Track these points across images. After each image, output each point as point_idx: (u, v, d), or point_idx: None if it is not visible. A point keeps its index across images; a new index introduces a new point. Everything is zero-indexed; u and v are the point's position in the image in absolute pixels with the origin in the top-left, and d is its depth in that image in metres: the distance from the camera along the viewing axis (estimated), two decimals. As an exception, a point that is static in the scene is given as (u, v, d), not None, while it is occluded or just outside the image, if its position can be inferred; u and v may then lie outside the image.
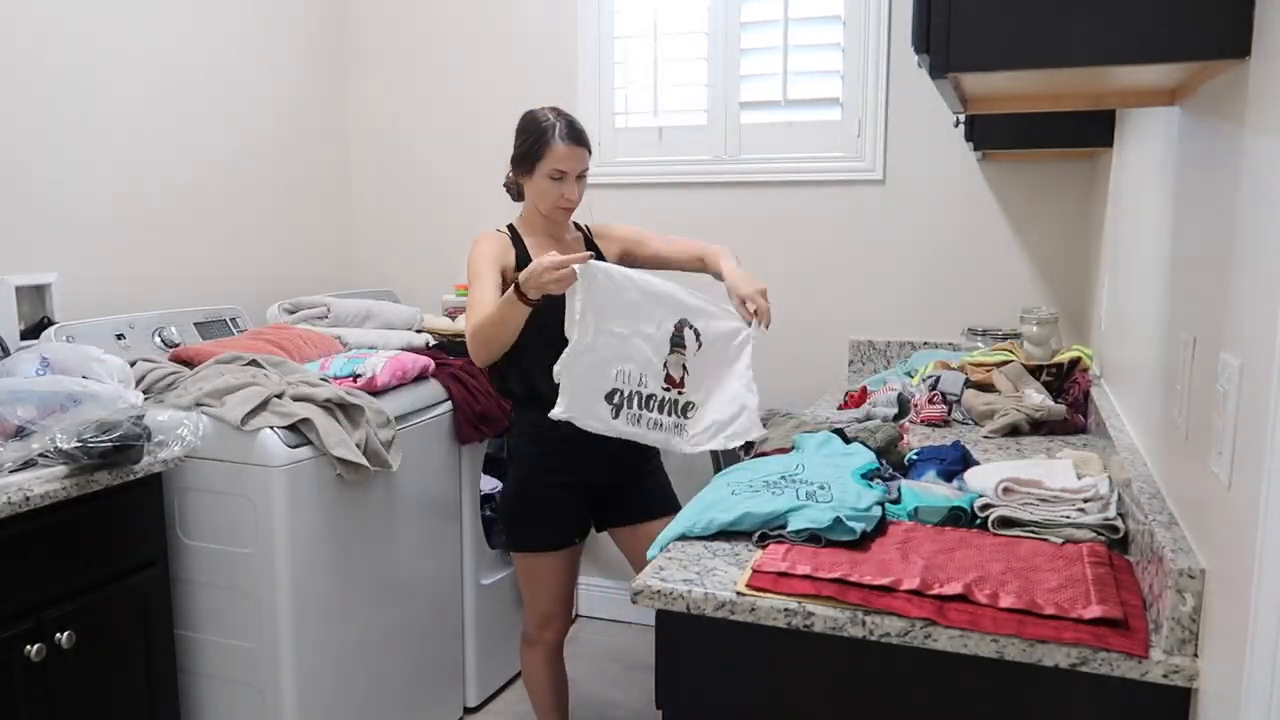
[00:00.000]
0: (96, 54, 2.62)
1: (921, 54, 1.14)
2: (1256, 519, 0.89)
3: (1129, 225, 1.95)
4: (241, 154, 3.13)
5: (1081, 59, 1.08)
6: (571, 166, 2.11)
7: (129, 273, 2.74)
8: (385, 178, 3.62)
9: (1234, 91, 1.09)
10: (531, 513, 2.20)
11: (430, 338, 3.00)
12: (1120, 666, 1.14)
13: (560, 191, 2.13)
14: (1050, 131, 2.34)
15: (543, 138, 2.09)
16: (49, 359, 2.06)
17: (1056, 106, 1.52)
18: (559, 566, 2.24)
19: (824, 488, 1.56)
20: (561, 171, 2.11)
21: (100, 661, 1.93)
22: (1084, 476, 1.59)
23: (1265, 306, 0.91)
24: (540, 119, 2.12)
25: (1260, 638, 0.86)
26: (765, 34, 3.07)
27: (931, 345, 2.96)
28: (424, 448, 2.54)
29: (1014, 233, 2.90)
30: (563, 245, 2.23)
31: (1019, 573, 1.31)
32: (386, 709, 2.47)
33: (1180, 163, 1.42)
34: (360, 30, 3.56)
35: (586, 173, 2.16)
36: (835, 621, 1.25)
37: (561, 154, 2.09)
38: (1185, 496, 1.24)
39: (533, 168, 2.12)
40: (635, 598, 1.35)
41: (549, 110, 2.15)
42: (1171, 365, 1.36)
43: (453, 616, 2.74)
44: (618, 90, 3.26)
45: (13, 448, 1.82)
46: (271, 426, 2.10)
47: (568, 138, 2.10)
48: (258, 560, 2.12)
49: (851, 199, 3.04)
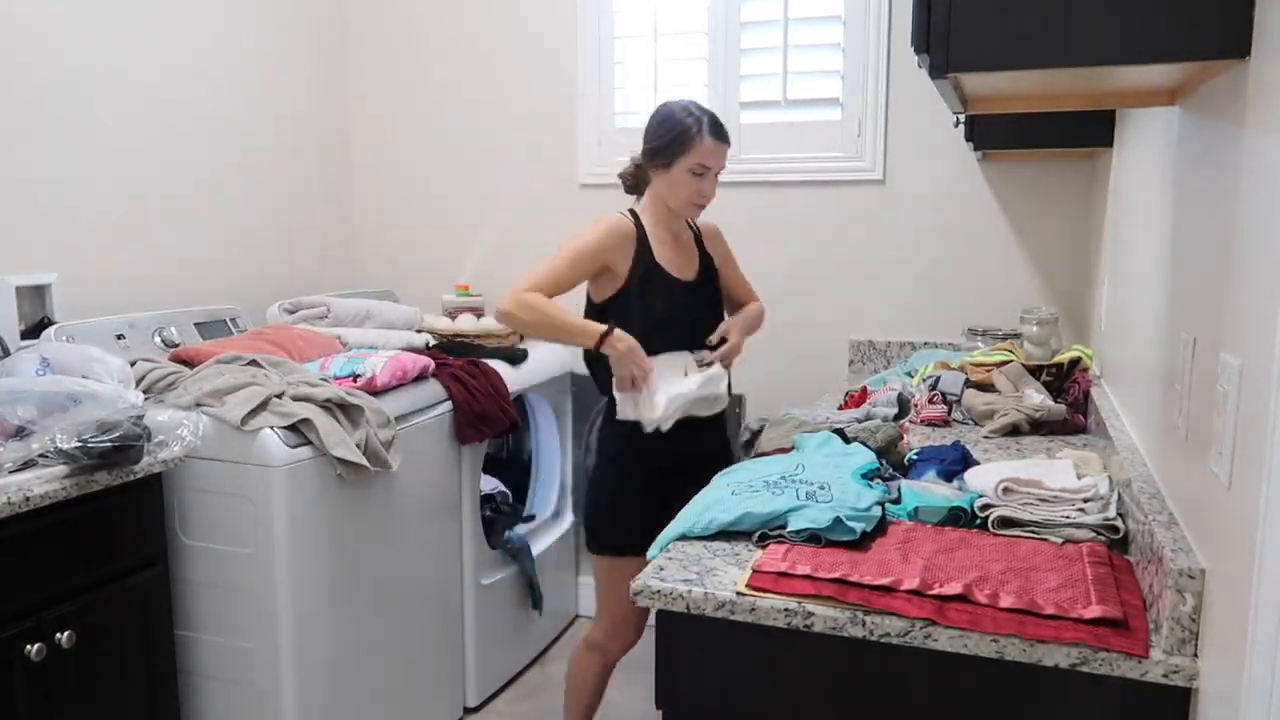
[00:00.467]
0: (97, 56, 2.62)
1: (921, 54, 1.14)
2: (1256, 519, 0.89)
3: (1129, 225, 1.95)
4: (242, 154, 3.13)
5: (1081, 59, 1.08)
6: (715, 163, 2.11)
7: (129, 273, 2.74)
8: (385, 177, 3.62)
9: (1234, 91, 1.09)
10: (624, 514, 2.16)
11: (430, 338, 3.00)
12: (1120, 666, 1.14)
13: (698, 187, 2.12)
14: (1050, 131, 2.34)
15: (689, 132, 2.09)
16: (49, 359, 2.06)
17: (1056, 106, 1.52)
18: None
19: (824, 488, 1.56)
20: (705, 167, 2.10)
21: (100, 661, 1.93)
22: (1084, 476, 1.59)
23: (1265, 306, 0.91)
24: (684, 113, 2.11)
25: (1260, 638, 0.86)
26: (765, 34, 3.07)
27: (931, 345, 2.96)
28: (424, 448, 2.54)
29: (1014, 233, 2.90)
30: (679, 243, 2.23)
31: (1019, 573, 1.31)
32: (386, 709, 2.47)
33: (1180, 163, 1.42)
34: (360, 29, 3.56)
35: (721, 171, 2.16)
36: (835, 621, 1.25)
37: (708, 149, 2.09)
38: (1185, 496, 1.24)
39: (673, 161, 2.11)
40: (635, 598, 1.35)
41: (692, 105, 2.14)
42: (1171, 365, 1.36)
43: (453, 616, 2.74)
44: (618, 90, 3.26)
45: (13, 448, 1.82)
46: (271, 426, 2.10)
47: (714, 134, 2.10)
48: (258, 560, 2.12)
49: (851, 199, 3.04)
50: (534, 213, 3.41)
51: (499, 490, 3.05)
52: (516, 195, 3.43)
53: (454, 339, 3.10)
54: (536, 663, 3.16)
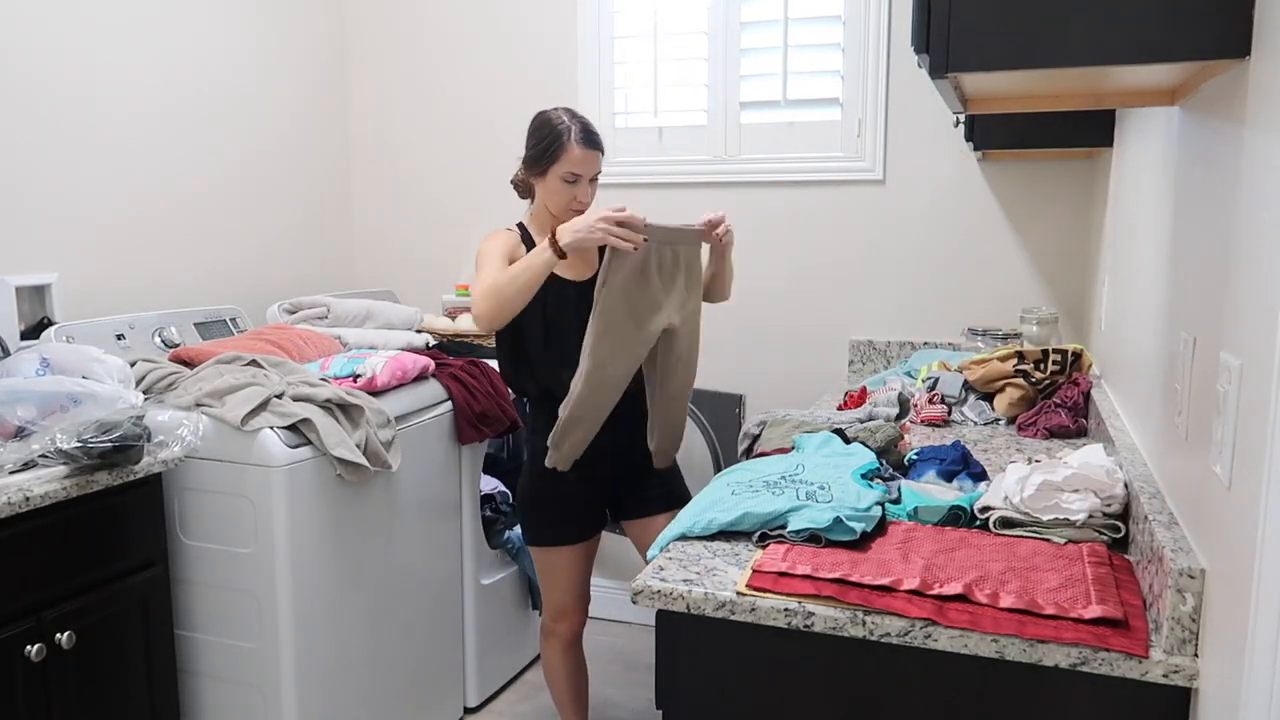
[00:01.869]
0: (97, 56, 2.62)
1: (921, 54, 1.14)
2: (1256, 519, 0.89)
3: (1129, 225, 1.95)
4: (242, 154, 3.13)
5: (1081, 59, 1.08)
6: (586, 170, 2.12)
7: (129, 273, 2.74)
8: (385, 177, 3.62)
9: (1234, 91, 1.09)
10: (546, 507, 2.22)
11: (430, 338, 3.00)
12: (1120, 666, 1.14)
13: (573, 194, 2.13)
14: (1050, 131, 2.34)
15: (558, 140, 2.10)
16: (49, 359, 2.06)
17: (1056, 106, 1.52)
18: (573, 560, 2.25)
19: (824, 488, 1.56)
20: (576, 175, 2.11)
21: (100, 662, 1.93)
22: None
23: (1265, 306, 0.91)
24: (555, 121, 2.13)
25: (1260, 638, 0.86)
26: (765, 34, 3.07)
27: (931, 345, 2.96)
28: (424, 448, 2.54)
29: (1014, 233, 2.90)
30: None
31: (1019, 572, 1.31)
32: (386, 709, 2.47)
33: (1180, 163, 1.42)
34: (361, 29, 3.56)
35: (599, 176, 2.17)
36: (835, 621, 1.25)
37: (576, 158, 2.10)
38: (1185, 496, 1.24)
39: (546, 170, 2.13)
40: (635, 598, 1.35)
41: (563, 112, 2.15)
42: (1171, 365, 1.36)
43: (453, 616, 2.74)
44: (618, 90, 3.26)
45: (13, 448, 1.82)
46: (271, 427, 2.10)
47: (583, 142, 2.11)
48: (258, 560, 2.12)
49: (851, 199, 3.04)
50: (534, 213, 3.40)
51: (499, 490, 3.05)
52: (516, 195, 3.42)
53: (454, 339, 3.10)
54: (536, 663, 3.15)
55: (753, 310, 3.15)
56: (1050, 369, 2.26)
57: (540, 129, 2.15)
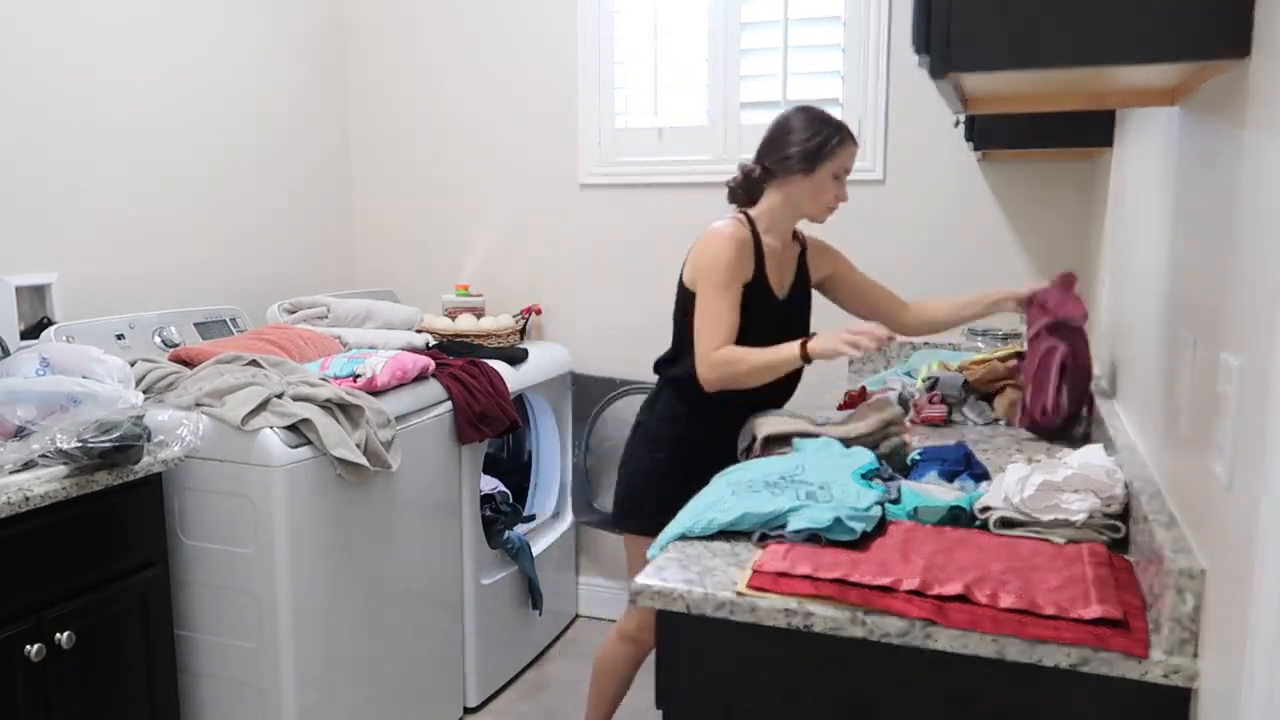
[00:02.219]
0: (96, 55, 2.62)
1: (921, 54, 1.14)
2: (1256, 519, 0.88)
3: (1129, 225, 1.95)
4: (242, 154, 3.13)
5: (1082, 59, 1.08)
6: (853, 165, 2.15)
7: (129, 273, 2.74)
8: (385, 177, 3.62)
9: (1234, 91, 1.09)
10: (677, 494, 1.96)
11: (430, 338, 3.00)
12: (1120, 666, 1.14)
13: (838, 191, 2.14)
14: (1050, 131, 2.34)
15: (836, 134, 2.09)
16: (49, 359, 2.06)
17: (1056, 106, 1.52)
18: None
19: (824, 488, 1.56)
20: (847, 169, 2.13)
21: (100, 661, 1.93)
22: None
23: (1265, 306, 0.91)
24: (829, 117, 2.11)
25: (1260, 638, 0.86)
26: (765, 34, 3.07)
27: (931, 345, 2.95)
28: (424, 448, 2.54)
29: (1014, 233, 2.90)
30: (782, 258, 2.21)
31: (1019, 573, 1.31)
32: (386, 709, 2.47)
33: (1180, 163, 1.42)
34: (360, 30, 3.56)
35: None
36: (835, 621, 1.25)
37: (852, 153, 2.12)
38: (1185, 497, 1.24)
39: (819, 165, 2.09)
40: (635, 598, 1.35)
41: (823, 111, 2.13)
42: (1171, 365, 1.36)
43: (453, 616, 2.74)
44: (618, 90, 3.26)
45: (13, 448, 1.82)
46: (271, 426, 2.10)
47: (854, 138, 2.13)
48: (258, 560, 2.12)
49: (851, 199, 3.02)
50: (534, 213, 3.41)
51: (499, 490, 3.05)
52: (517, 195, 3.43)
53: (454, 339, 3.10)
54: (536, 663, 3.15)
55: (753, 310, 3.14)
56: None
57: (814, 123, 2.10)
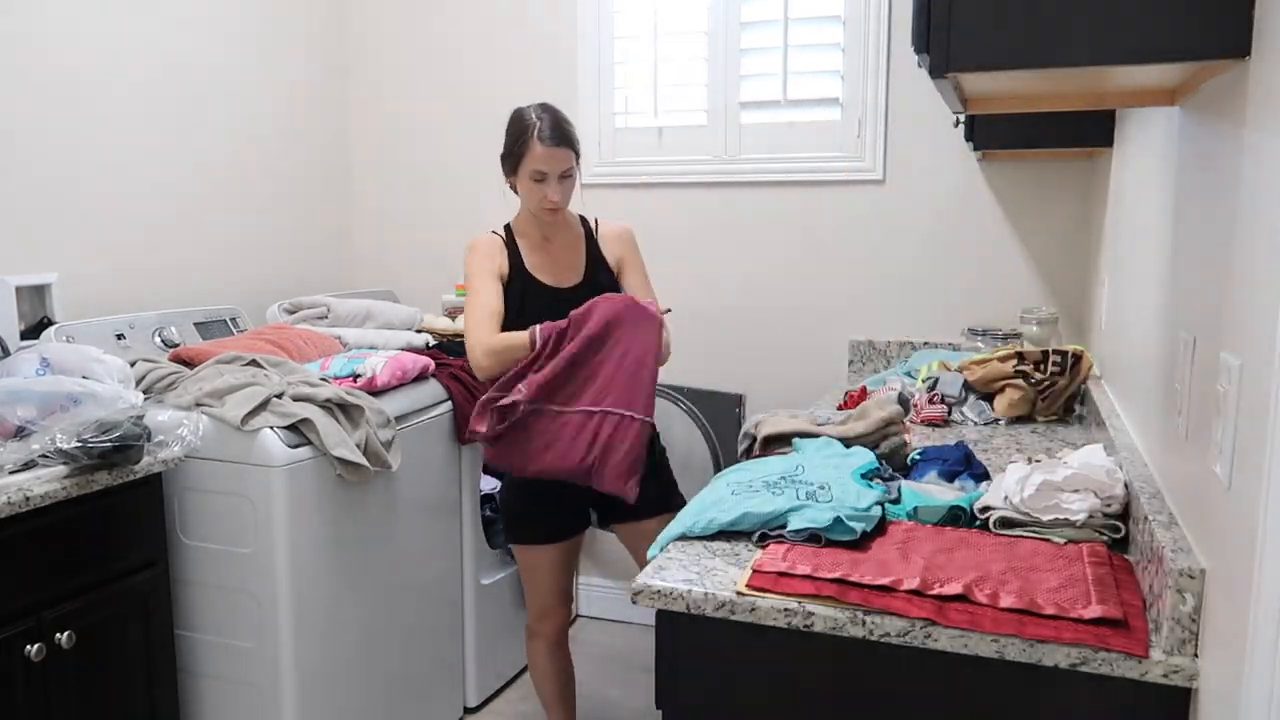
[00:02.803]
0: (96, 54, 2.62)
1: (921, 54, 1.14)
2: (1256, 519, 0.89)
3: (1129, 225, 1.95)
4: (242, 154, 3.13)
5: (1081, 59, 1.08)
6: (552, 168, 2.08)
7: (129, 273, 2.74)
8: (385, 177, 3.62)
9: (1234, 91, 1.09)
10: (528, 506, 2.22)
11: (430, 338, 3.00)
12: (1120, 666, 1.14)
13: (543, 193, 2.10)
14: (1050, 131, 2.34)
15: (523, 137, 2.07)
16: (49, 359, 2.06)
17: (1056, 106, 1.52)
18: (555, 560, 2.25)
19: (824, 488, 1.56)
20: (542, 173, 2.08)
21: (100, 662, 1.93)
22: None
23: (1265, 306, 0.91)
24: (524, 118, 2.09)
25: (1260, 638, 0.86)
26: (765, 34, 3.07)
27: (931, 345, 2.96)
28: (424, 448, 2.54)
29: (1014, 233, 2.90)
30: (555, 245, 2.23)
31: (1019, 572, 1.31)
32: (386, 709, 2.47)
33: (1180, 163, 1.42)
34: (361, 30, 3.56)
35: (573, 172, 2.12)
36: (835, 621, 1.25)
37: (540, 155, 2.06)
38: (1185, 496, 1.24)
39: (516, 168, 2.11)
40: (635, 598, 1.35)
41: (536, 108, 2.11)
42: (1171, 365, 1.36)
43: (453, 616, 2.74)
44: (618, 90, 3.26)
45: (13, 448, 1.82)
46: (271, 426, 2.10)
47: (548, 139, 2.06)
48: (258, 560, 2.12)
49: (851, 199, 3.04)
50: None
51: (499, 490, 3.05)
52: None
53: (454, 339, 3.09)
54: (536, 663, 3.15)
55: (752, 310, 3.15)
56: (1050, 370, 2.26)
57: (510, 126, 2.12)
